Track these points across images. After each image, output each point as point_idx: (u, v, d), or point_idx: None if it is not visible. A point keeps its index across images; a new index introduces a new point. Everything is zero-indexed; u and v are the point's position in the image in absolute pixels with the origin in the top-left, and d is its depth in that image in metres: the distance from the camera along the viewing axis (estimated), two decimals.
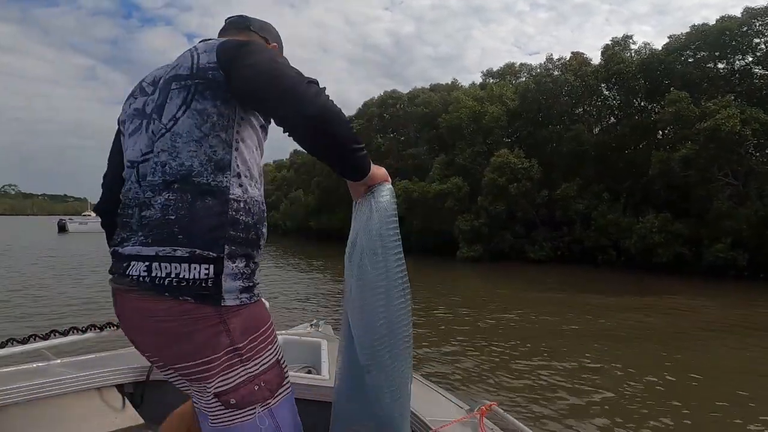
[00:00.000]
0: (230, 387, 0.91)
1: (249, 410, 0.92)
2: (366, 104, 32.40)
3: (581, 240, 18.14)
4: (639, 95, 20.49)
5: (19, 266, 15.47)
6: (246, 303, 0.93)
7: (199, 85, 0.93)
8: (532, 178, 18.87)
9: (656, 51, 19.86)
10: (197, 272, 0.88)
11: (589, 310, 10.10)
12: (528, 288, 13.62)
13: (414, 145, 27.55)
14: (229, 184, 0.93)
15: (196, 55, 0.96)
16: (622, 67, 19.92)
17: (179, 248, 0.88)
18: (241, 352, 0.92)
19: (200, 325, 0.89)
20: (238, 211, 0.93)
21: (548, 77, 21.47)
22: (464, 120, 21.96)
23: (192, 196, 0.90)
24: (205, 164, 0.92)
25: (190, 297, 0.88)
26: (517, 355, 6.76)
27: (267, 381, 0.94)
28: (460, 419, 1.46)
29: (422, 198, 21.28)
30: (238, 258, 0.92)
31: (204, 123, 0.92)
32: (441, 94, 26.53)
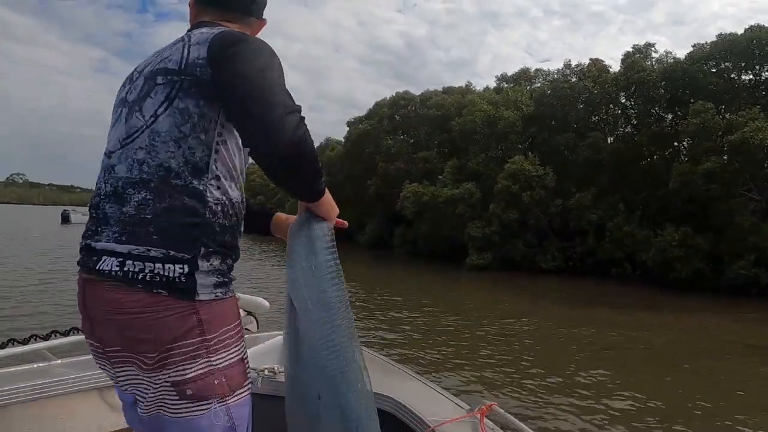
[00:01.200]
0: (190, 377, 0.89)
1: (204, 404, 0.90)
2: (377, 104, 32.00)
3: (594, 251, 17.63)
4: (659, 105, 19.98)
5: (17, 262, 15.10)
6: (220, 297, 0.93)
7: (185, 81, 0.90)
8: (546, 186, 18.39)
9: (680, 60, 19.33)
10: (171, 271, 0.87)
11: (602, 325, 9.85)
12: (539, 299, 13.31)
13: (425, 148, 27.12)
14: (206, 187, 0.91)
15: (186, 48, 0.92)
16: (643, 76, 19.39)
17: (153, 248, 0.87)
18: (209, 344, 0.90)
19: (172, 313, 0.87)
20: (215, 214, 0.92)
21: (566, 83, 20.98)
22: (478, 124, 21.51)
23: (169, 196, 0.89)
24: (182, 166, 0.89)
25: (163, 290, 0.87)
26: (524, 365, 6.65)
27: (228, 377, 0.92)
28: (460, 417, 1.44)
29: (432, 202, 20.84)
30: (213, 256, 0.91)
31: (184, 123, 0.89)
32: (455, 97, 26.09)
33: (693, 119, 15.10)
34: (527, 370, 6.36)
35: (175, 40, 0.97)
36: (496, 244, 18.76)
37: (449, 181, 21.33)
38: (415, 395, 1.60)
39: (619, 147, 19.37)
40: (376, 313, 10.09)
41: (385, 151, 27.51)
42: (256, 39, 0.96)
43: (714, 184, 14.35)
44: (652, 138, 19.08)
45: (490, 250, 18.72)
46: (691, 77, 18.21)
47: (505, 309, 11.35)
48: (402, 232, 24.80)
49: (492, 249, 18.75)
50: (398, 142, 28.24)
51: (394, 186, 25.11)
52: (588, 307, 12.15)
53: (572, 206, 18.17)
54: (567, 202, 18.35)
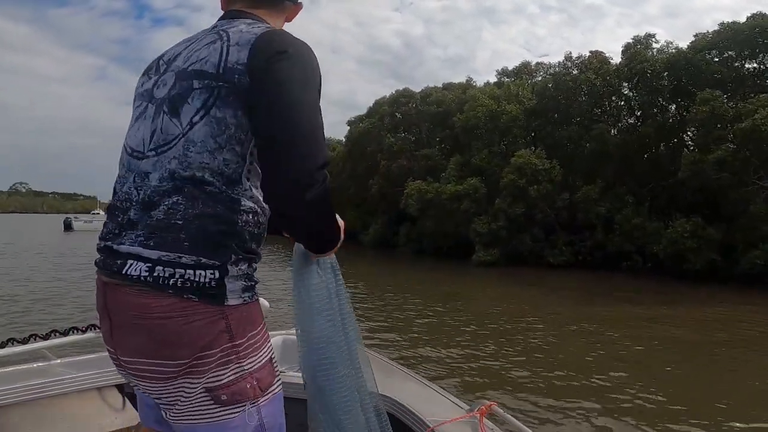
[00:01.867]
0: (223, 383, 0.89)
1: (238, 407, 0.90)
2: (377, 102, 31.76)
3: (603, 245, 17.38)
4: (662, 95, 19.74)
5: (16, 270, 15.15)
6: (248, 301, 0.92)
7: (223, 88, 0.86)
8: (552, 179, 18.16)
9: (682, 50, 19.08)
10: (202, 277, 0.86)
11: (614, 319, 9.66)
12: (548, 294, 13.11)
13: (426, 145, 26.90)
14: (239, 197, 0.89)
15: (225, 49, 0.87)
16: (646, 66, 19.16)
17: (185, 255, 0.85)
18: (238, 349, 0.90)
19: (202, 318, 0.86)
20: (247, 223, 0.90)
21: (568, 76, 20.74)
22: (481, 119, 21.28)
23: (202, 203, 0.86)
24: (217, 176, 0.87)
25: (194, 295, 0.85)
26: (530, 364, 6.55)
27: (259, 379, 0.93)
28: (460, 417, 1.44)
29: (437, 199, 20.61)
30: (241, 262, 0.91)
31: (221, 134, 0.86)
32: (455, 93, 25.85)
33: (702, 107, 14.84)
34: (533, 369, 6.28)
35: (210, 33, 0.92)
36: (503, 239, 18.53)
37: (453, 177, 21.10)
38: (415, 395, 1.61)
39: (625, 139, 19.10)
40: (381, 312, 9.94)
41: (386, 150, 27.29)
42: (302, 48, 0.90)
43: (725, 173, 14.09)
44: (658, 128, 18.82)
45: (497, 246, 18.49)
46: (694, 67, 17.97)
47: (513, 305, 11.18)
48: (406, 231, 24.56)
49: (499, 244, 18.52)
50: (400, 140, 28.02)
51: (397, 184, 24.89)
52: (599, 301, 11.98)
53: (579, 199, 17.93)
54: (574, 196, 18.11)
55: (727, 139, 14.09)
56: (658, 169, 18.34)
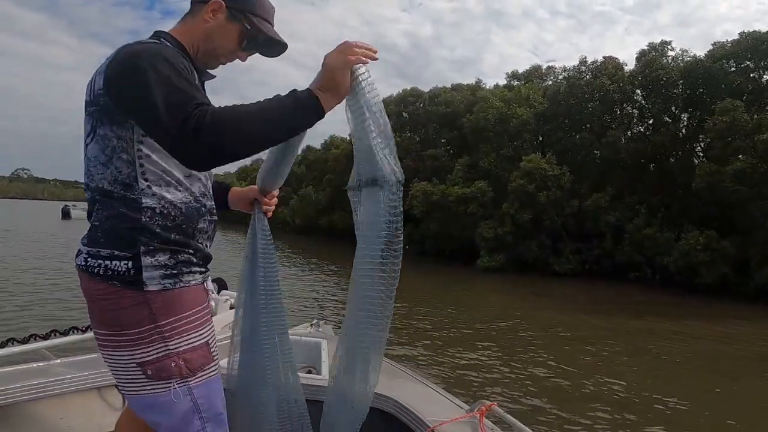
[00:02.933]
0: (149, 359, 0.99)
1: (165, 383, 0.99)
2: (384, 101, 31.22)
3: (611, 254, 16.96)
4: (676, 103, 19.34)
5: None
6: (169, 288, 1.01)
7: (96, 112, 0.99)
8: (562, 186, 17.73)
9: (700, 58, 18.65)
10: (119, 266, 0.99)
11: (620, 330, 9.41)
12: (554, 302, 12.84)
13: (432, 145, 26.46)
14: (138, 196, 0.99)
15: (93, 80, 1.00)
16: (661, 73, 18.74)
17: (101, 249, 1.00)
18: (162, 330, 1.00)
19: (126, 302, 0.99)
20: (152, 218, 1.00)
21: (582, 80, 20.30)
22: (491, 121, 20.84)
23: (110, 206, 1.00)
24: (113, 184, 1.00)
25: (117, 281, 0.99)
26: (530, 368, 6.51)
27: (187, 360, 1.01)
28: (460, 417, 1.44)
29: (442, 201, 20.19)
30: (158, 253, 1.00)
31: (106, 147, 0.99)
32: (464, 94, 25.41)
33: (722, 117, 14.40)
34: (533, 371, 6.30)
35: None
36: (509, 245, 18.10)
37: (460, 180, 20.67)
38: (415, 395, 1.62)
39: (637, 147, 18.65)
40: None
41: None
42: (133, 54, 0.96)
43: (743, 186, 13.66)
44: (671, 138, 18.39)
45: (503, 252, 18.05)
46: (711, 76, 17.57)
47: (516, 312, 10.98)
48: (409, 232, 24.11)
49: (505, 250, 18.08)
50: (405, 140, 27.58)
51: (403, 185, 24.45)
52: (605, 311, 11.69)
53: (588, 207, 17.50)
54: (583, 203, 17.67)
55: (746, 150, 13.65)
56: (669, 179, 17.93)
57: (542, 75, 27.75)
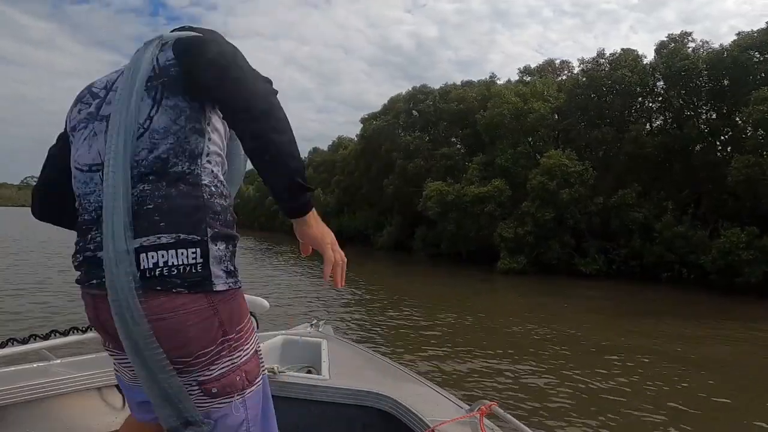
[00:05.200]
0: (214, 376, 0.91)
1: (226, 399, 0.92)
2: (393, 99, 30.63)
3: (640, 253, 16.08)
4: (700, 95, 18.48)
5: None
6: (233, 288, 0.93)
7: (165, 83, 0.93)
8: (585, 182, 16.89)
9: (726, 47, 17.77)
10: (185, 257, 0.87)
11: (658, 335, 8.80)
12: (578, 303, 12.23)
13: (443, 144, 25.70)
14: (201, 170, 0.93)
15: (155, 56, 0.95)
16: (687, 64, 17.89)
17: (163, 235, 0.87)
18: (230, 342, 0.93)
19: (195, 317, 0.88)
20: (212, 195, 0.94)
21: (601, 72, 19.45)
22: (506, 117, 20.04)
23: (167, 184, 0.90)
24: (180, 155, 0.92)
25: (182, 288, 0.87)
26: (541, 366, 6.40)
27: (248, 371, 0.95)
28: (460, 417, 1.43)
29: (458, 201, 19.39)
30: (219, 240, 0.92)
31: (179, 117, 0.93)
32: (478, 90, 24.63)
33: (758, 107, 13.51)
34: (537, 372, 6.20)
35: (137, 51, 0.98)
36: (530, 245, 17.27)
37: (476, 178, 19.88)
38: (415, 395, 1.61)
39: (665, 141, 17.76)
40: (391, 313, 9.54)
41: (403, 148, 26.13)
42: (214, 33, 0.97)
43: None
44: (699, 130, 17.50)
45: (524, 253, 17.22)
46: (738, 66, 16.71)
47: (535, 314, 10.52)
48: (423, 234, 23.36)
49: (526, 251, 17.25)
50: (416, 139, 26.85)
51: (414, 184, 23.73)
52: (634, 312, 11.01)
53: (614, 204, 16.63)
54: (608, 200, 16.81)
55: None
56: (696, 173, 17.06)
57: (556, 69, 26.96)
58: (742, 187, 14.04)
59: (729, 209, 15.29)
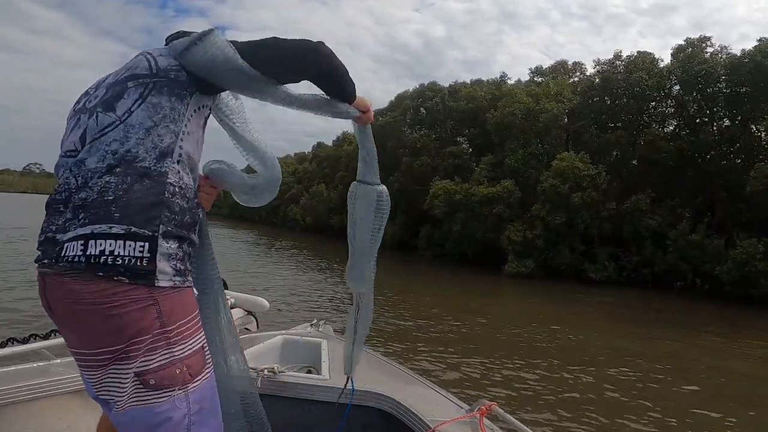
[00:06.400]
0: (151, 368, 0.91)
1: (167, 392, 0.92)
2: (400, 96, 30.17)
3: (652, 262, 15.65)
4: (717, 100, 18.03)
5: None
6: (179, 286, 0.95)
7: (158, 83, 0.99)
8: (598, 187, 16.45)
9: (749, 52, 17.28)
10: (132, 249, 0.89)
11: (657, 339, 8.71)
12: (586, 311, 11.89)
13: (450, 142, 25.27)
14: (168, 169, 0.96)
15: (153, 59, 1.03)
16: (705, 68, 17.43)
17: (115, 225, 0.89)
18: (169, 335, 0.93)
19: (132, 306, 0.89)
20: (174, 195, 0.96)
21: (617, 74, 18.99)
22: (517, 117, 19.59)
23: (131, 178, 0.92)
24: (150, 151, 0.95)
25: (125, 277, 0.88)
26: (543, 368, 6.37)
27: (190, 366, 0.96)
28: (460, 418, 1.44)
29: (466, 201, 18.97)
30: (172, 239, 0.94)
31: (156, 114, 0.97)
32: (489, 88, 24.17)
33: None
34: (538, 372, 6.15)
35: (135, 57, 1.07)
36: (539, 249, 16.84)
37: (485, 178, 19.45)
38: (415, 395, 1.62)
39: (679, 146, 17.32)
40: (395, 314, 9.38)
41: (409, 146, 25.69)
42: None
43: None
44: (717, 136, 17.05)
45: (532, 257, 16.79)
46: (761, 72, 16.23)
47: (540, 318, 10.34)
48: (428, 233, 22.93)
49: (534, 255, 16.82)
50: (423, 137, 26.41)
51: (420, 183, 23.30)
52: (649, 323, 10.64)
53: (627, 210, 16.20)
54: (621, 206, 16.37)
55: None
56: (711, 181, 16.63)
57: (568, 71, 26.48)
58: (761, 196, 13.62)
59: (744, 218, 14.87)
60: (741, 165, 16.42)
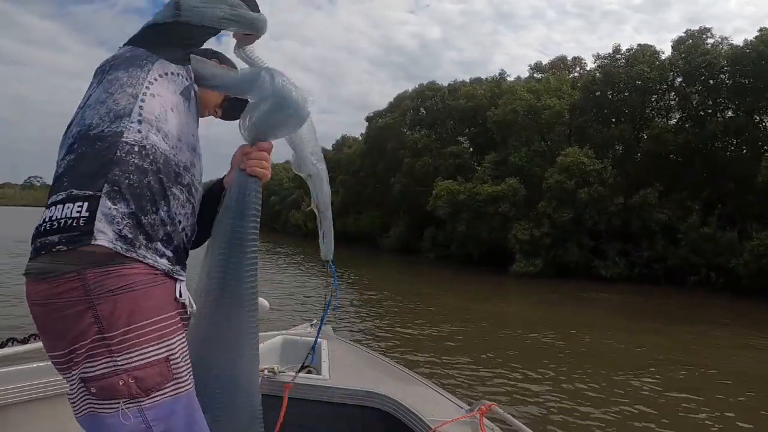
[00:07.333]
0: (91, 376, 0.87)
1: (111, 403, 0.87)
2: (398, 97, 29.90)
3: (664, 256, 15.33)
4: (721, 91, 17.79)
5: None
6: (120, 254, 0.86)
7: (114, 65, 0.98)
8: (604, 181, 16.15)
9: (752, 42, 17.04)
10: (69, 210, 0.85)
11: (670, 337, 8.47)
12: (597, 308, 11.68)
13: (452, 142, 25.00)
14: (124, 128, 0.91)
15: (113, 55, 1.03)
16: (708, 59, 17.19)
17: (60, 193, 0.87)
18: (109, 342, 0.86)
19: (68, 309, 0.85)
20: (129, 153, 0.90)
21: (619, 68, 18.74)
22: (519, 114, 19.31)
23: (85, 147, 0.90)
24: (104, 116, 0.92)
25: (59, 243, 0.84)
26: (545, 368, 6.25)
27: (139, 378, 0.87)
28: (460, 418, 1.43)
29: (470, 201, 18.66)
30: (120, 201, 0.87)
31: (112, 86, 0.94)
32: (488, 86, 23.92)
33: None
34: (539, 373, 6.05)
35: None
36: (546, 247, 16.52)
37: (488, 177, 19.14)
38: (416, 395, 1.62)
39: (686, 138, 17.04)
40: (397, 323, 9.13)
41: (410, 146, 25.41)
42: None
43: None
44: (723, 128, 16.78)
45: (540, 256, 16.46)
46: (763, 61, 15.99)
47: (552, 319, 10.11)
48: (432, 234, 22.60)
49: (542, 254, 16.49)
50: (423, 137, 26.13)
51: (421, 183, 23.00)
52: (664, 320, 10.30)
53: (635, 205, 15.89)
54: (629, 200, 16.07)
55: None
56: (718, 173, 16.36)
57: (568, 66, 26.25)
58: None
59: (755, 210, 14.59)
60: (748, 156, 16.15)
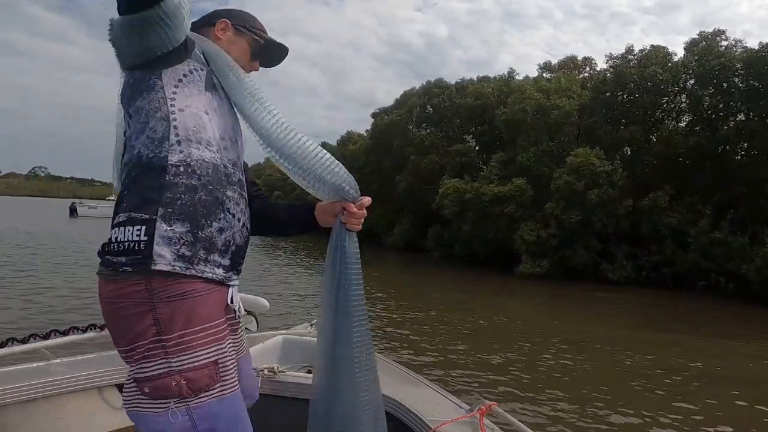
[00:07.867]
0: (147, 376, 0.90)
1: (162, 403, 0.91)
2: (405, 94, 29.67)
3: (672, 261, 15.09)
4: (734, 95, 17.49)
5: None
6: (180, 271, 0.92)
7: (126, 96, 1.02)
8: (614, 183, 15.91)
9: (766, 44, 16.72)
10: (130, 233, 0.91)
11: (675, 343, 8.27)
12: (603, 312, 11.44)
13: (457, 140, 24.77)
14: (167, 153, 0.96)
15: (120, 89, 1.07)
16: (722, 62, 16.89)
17: (120, 215, 0.95)
18: (166, 344, 0.90)
19: (131, 309, 0.89)
20: (176, 175, 0.96)
21: (631, 69, 18.45)
22: (528, 113, 19.07)
23: (138, 174, 0.97)
24: (148, 145, 0.98)
25: (126, 264, 0.89)
26: (544, 369, 6.24)
27: (190, 380, 0.91)
28: (460, 418, 1.44)
29: (476, 200, 18.46)
30: (175, 221, 0.92)
31: (141, 114, 0.99)
32: (497, 84, 23.66)
33: None
34: (539, 374, 6.05)
35: None
36: (553, 248, 16.30)
37: (495, 177, 18.93)
38: (415, 395, 1.65)
39: (698, 141, 16.77)
40: (398, 316, 9.18)
41: (417, 144, 25.20)
42: None
43: None
44: (737, 131, 16.50)
45: (547, 257, 16.25)
46: None
47: (552, 320, 10.01)
48: (436, 233, 22.42)
49: (549, 255, 16.28)
50: (430, 135, 25.91)
51: (427, 182, 22.81)
52: (672, 325, 10.15)
53: (645, 207, 15.64)
54: (639, 203, 15.82)
55: None
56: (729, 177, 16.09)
57: (578, 66, 25.93)
58: None
59: (767, 215, 14.33)
60: (760, 160, 15.87)
